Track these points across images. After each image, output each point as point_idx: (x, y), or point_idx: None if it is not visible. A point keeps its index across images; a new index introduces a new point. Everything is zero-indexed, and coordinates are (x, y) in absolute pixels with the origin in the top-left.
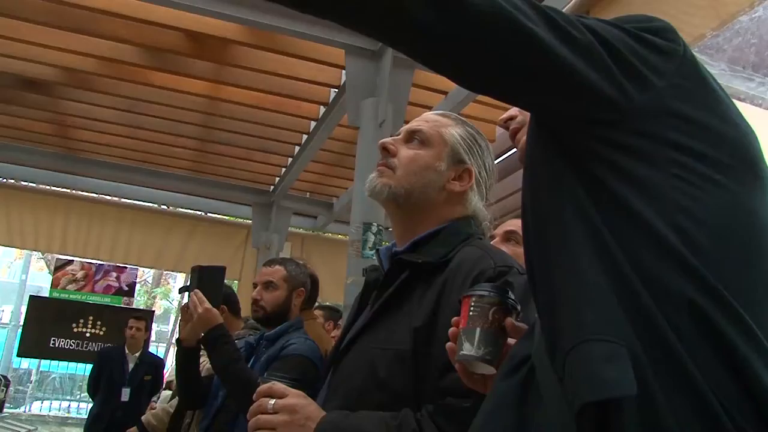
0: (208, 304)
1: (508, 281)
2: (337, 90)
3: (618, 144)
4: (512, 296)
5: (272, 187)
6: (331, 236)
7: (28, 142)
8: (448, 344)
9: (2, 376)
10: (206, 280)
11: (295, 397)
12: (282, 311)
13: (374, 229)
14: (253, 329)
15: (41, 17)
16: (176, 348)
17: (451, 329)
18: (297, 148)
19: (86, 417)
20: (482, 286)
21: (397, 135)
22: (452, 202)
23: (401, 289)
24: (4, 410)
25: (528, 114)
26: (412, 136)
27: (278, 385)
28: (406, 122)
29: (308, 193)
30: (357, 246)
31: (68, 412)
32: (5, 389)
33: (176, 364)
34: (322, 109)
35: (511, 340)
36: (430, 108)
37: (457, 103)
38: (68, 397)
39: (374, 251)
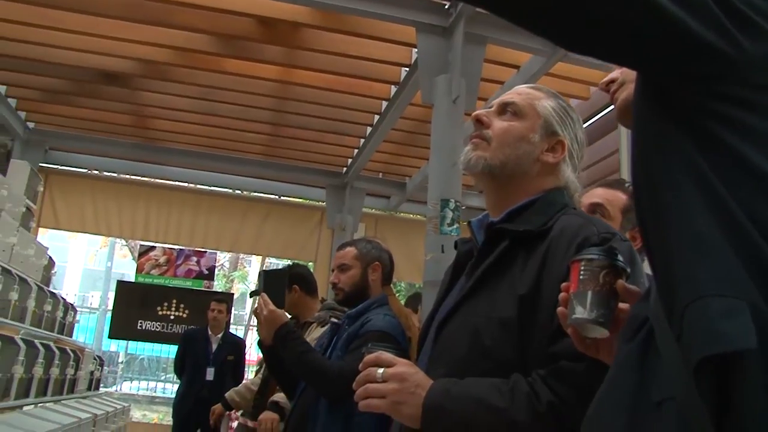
0: (272, 306)
1: (613, 246)
2: (408, 69)
3: (730, 97)
4: (621, 259)
5: (345, 168)
6: (405, 216)
7: (109, 133)
8: (559, 309)
9: (97, 356)
10: (271, 283)
11: (404, 366)
12: (360, 289)
13: (452, 205)
14: (331, 309)
15: (117, 12)
16: (260, 347)
17: (562, 294)
18: (369, 129)
19: (173, 396)
20: (590, 251)
21: (490, 108)
22: (545, 173)
23: (501, 259)
24: (99, 388)
25: (628, 74)
26: (504, 109)
27: (386, 354)
28: (480, 98)
29: (381, 174)
30: (435, 222)
31: (155, 392)
32: (100, 368)
33: (265, 362)
34: (394, 89)
35: (622, 304)
36: (502, 83)
37: (530, 77)
38: (155, 378)
39: (454, 227)
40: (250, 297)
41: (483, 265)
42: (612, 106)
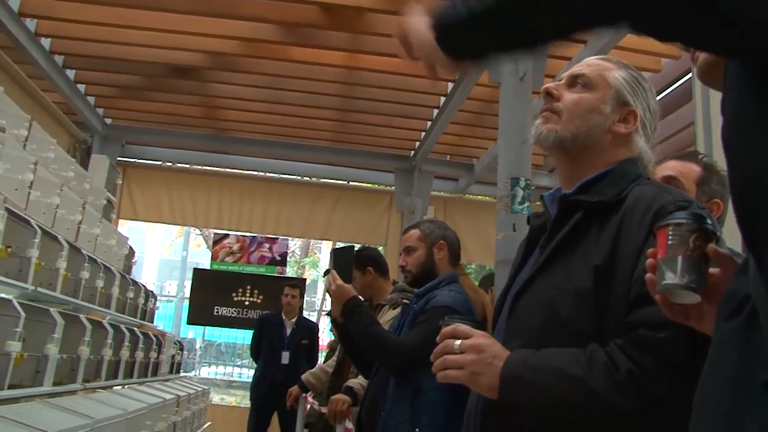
0: (340, 281)
1: (700, 211)
2: None
3: None
4: (710, 222)
5: (413, 151)
6: (473, 198)
7: (181, 126)
8: (648, 275)
9: (177, 340)
10: (339, 260)
11: (481, 337)
12: (427, 269)
13: (522, 183)
14: (403, 291)
15: (186, 7)
16: (334, 326)
17: (649, 261)
18: (435, 111)
19: (249, 380)
20: (678, 215)
21: (560, 81)
22: (618, 144)
23: (575, 231)
24: (180, 372)
25: None
26: (575, 81)
27: (463, 326)
28: (547, 75)
29: (448, 156)
30: (506, 201)
31: (232, 377)
32: (180, 353)
33: (339, 341)
34: None
35: (713, 269)
36: (569, 59)
37: (598, 51)
38: (231, 363)
39: (525, 205)
40: (323, 276)
41: (557, 237)
42: (689, 75)
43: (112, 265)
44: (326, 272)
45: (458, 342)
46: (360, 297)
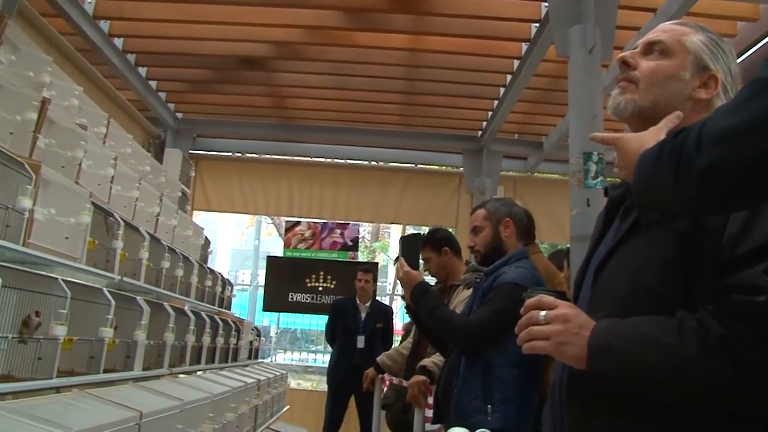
0: (406, 268)
1: None
2: (538, 24)
3: None
4: None
5: (480, 132)
6: (543, 176)
7: (250, 116)
8: None
9: (255, 327)
10: (407, 247)
11: (567, 307)
12: (494, 247)
13: (595, 158)
14: (476, 271)
15: None
16: (407, 310)
17: None
18: (502, 90)
19: (323, 365)
20: None
21: (635, 49)
22: (699, 110)
23: None
24: (258, 357)
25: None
26: (651, 48)
27: (547, 297)
28: (616, 47)
29: (516, 135)
30: (578, 177)
31: (305, 362)
32: (258, 338)
33: (413, 322)
34: (525, 46)
35: None
36: (638, 29)
37: (669, 18)
38: (305, 349)
39: (598, 180)
40: (394, 264)
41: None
42: (767, 39)
43: (190, 255)
44: (396, 259)
45: (543, 313)
46: (426, 282)
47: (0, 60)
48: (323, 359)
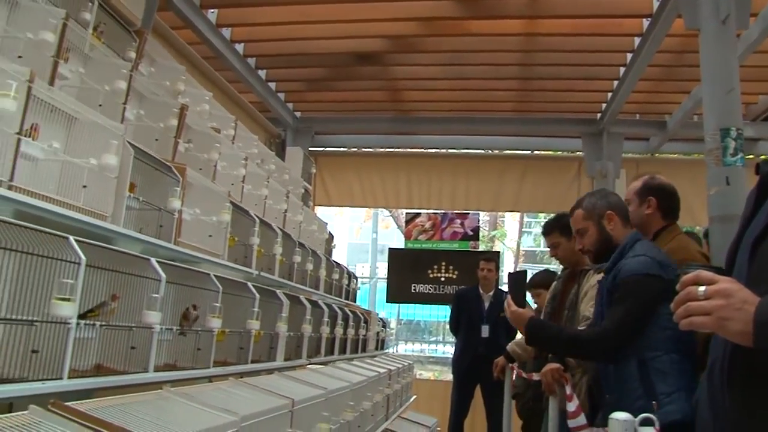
0: (514, 307)
1: None
2: None
3: None
4: None
5: (599, 114)
6: (667, 156)
7: (366, 111)
8: None
9: (381, 318)
10: (514, 283)
11: (728, 282)
12: (603, 244)
13: (733, 133)
14: None
15: None
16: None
17: None
18: (622, 70)
19: (443, 356)
20: None
21: None
22: None
23: None
24: (384, 348)
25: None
26: None
27: (706, 272)
28: (752, 15)
29: (638, 115)
30: (716, 155)
31: (424, 353)
32: (384, 329)
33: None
34: (647, 22)
35: None
36: None
37: None
38: (425, 340)
39: (738, 157)
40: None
41: None
42: None
43: (317, 249)
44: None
45: (702, 288)
46: (536, 316)
47: (141, 72)
48: (443, 350)
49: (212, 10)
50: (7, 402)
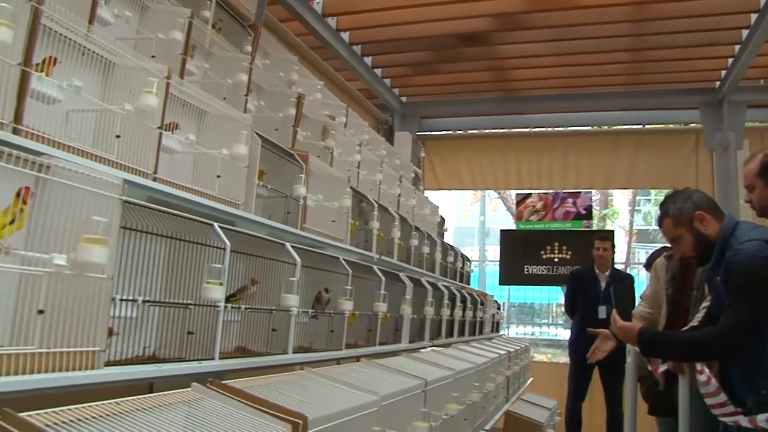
0: (620, 322)
1: None
2: None
3: None
4: None
5: (719, 82)
6: None
7: (472, 93)
8: None
9: (495, 300)
10: (618, 294)
11: None
12: (702, 246)
13: None
14: None
15: None
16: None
17: None
18: (745, 33)
19: (554, 338)
20: None
21: None
22: None
23: None
24: (499, 330)
25: None
26: None
27: None
28: None
29: (762, 81)
30: None
31: (533, 335)
32: (499, 312)
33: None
34: None
35: None
36: None
37: None
38: (536, 323)
39: None
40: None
41: None
42: None
43: (431, 233)
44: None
45: None
46: (644, 327)
47: (257, 64)
48: (555, 332)
49: (318, 1)
50: (148, 383)
